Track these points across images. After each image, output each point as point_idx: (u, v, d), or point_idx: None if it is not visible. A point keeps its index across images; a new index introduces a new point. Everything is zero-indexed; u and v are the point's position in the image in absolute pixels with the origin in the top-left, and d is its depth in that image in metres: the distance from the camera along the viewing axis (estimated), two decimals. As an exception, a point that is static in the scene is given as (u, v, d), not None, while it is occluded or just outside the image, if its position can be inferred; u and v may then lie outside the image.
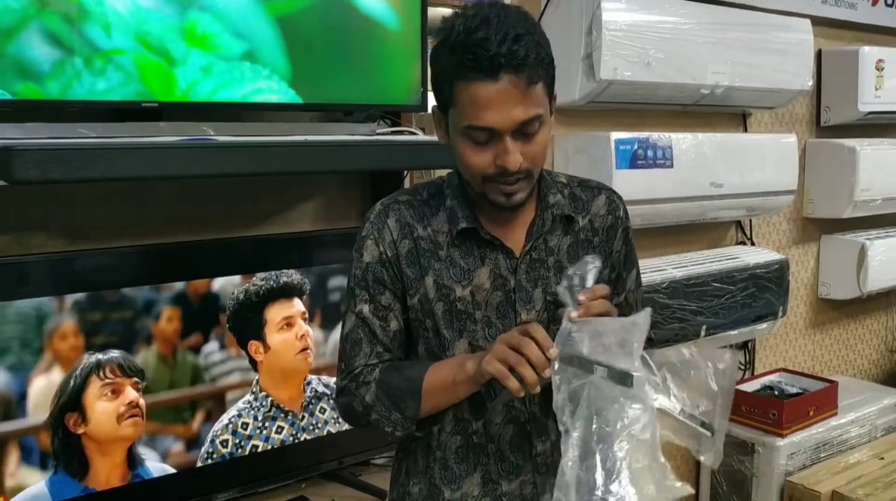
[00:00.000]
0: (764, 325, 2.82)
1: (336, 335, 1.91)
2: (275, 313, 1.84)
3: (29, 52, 1.39)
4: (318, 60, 1.71)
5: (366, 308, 1.25)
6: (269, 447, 1.84)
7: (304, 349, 1.90)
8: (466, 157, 1.14)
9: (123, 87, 1.49)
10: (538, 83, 1.11)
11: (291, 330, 1.87)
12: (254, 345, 1.82)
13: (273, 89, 1.65)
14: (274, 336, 1.84)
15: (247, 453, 1.82)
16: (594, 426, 1.05)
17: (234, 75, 1.59)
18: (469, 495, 1.25)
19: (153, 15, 1.49)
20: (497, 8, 1.10)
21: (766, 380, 3.01)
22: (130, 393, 1.63)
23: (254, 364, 1.83)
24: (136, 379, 1.64)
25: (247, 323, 1.81)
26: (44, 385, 1.54)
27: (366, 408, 1.23)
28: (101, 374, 1.60)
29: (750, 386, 2.93)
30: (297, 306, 1.87)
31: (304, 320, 1.88)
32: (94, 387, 1.59)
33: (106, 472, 1.63)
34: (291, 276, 1.86)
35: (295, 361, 1.88)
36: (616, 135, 2.31)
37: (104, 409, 1.60)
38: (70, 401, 1.57)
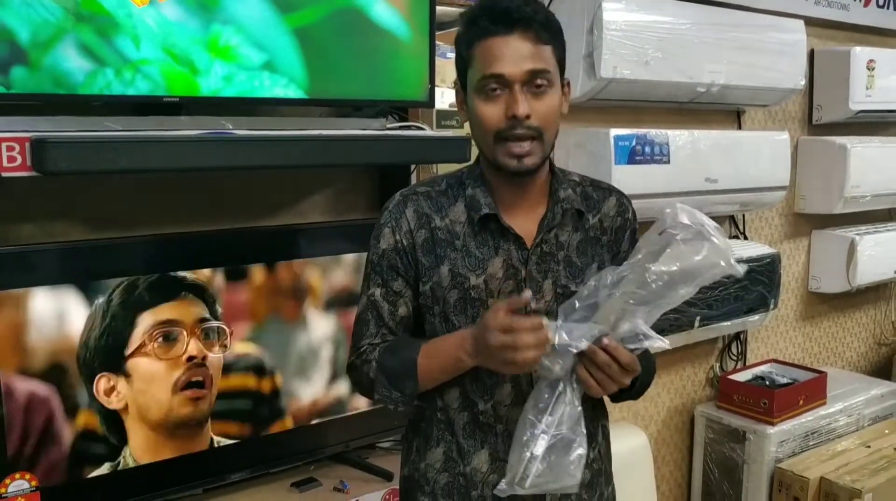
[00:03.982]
0: (756, 317, 2.89)
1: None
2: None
3: (64, 63, 1.45)
4: (333, 68, 1.77)
5: (378, 292, 1.33)
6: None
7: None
8: (479, 111, 1.23)
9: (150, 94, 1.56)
10: (547, 45, 1.23)
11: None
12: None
13: (290, 96, 1.72)
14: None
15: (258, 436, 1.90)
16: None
17: (254, 84, 1.66)
18: (478, 470, 1.32)
19: (179, 27, 1.56)
20: None
21: (757, 370, 3.09)
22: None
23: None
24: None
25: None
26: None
27: (370, 384, 1.31)
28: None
29: (742, 376, 3.01)
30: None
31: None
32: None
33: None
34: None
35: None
36: (615, 131, 2.37)
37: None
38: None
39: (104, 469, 1.69)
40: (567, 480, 1.19)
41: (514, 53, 1.20)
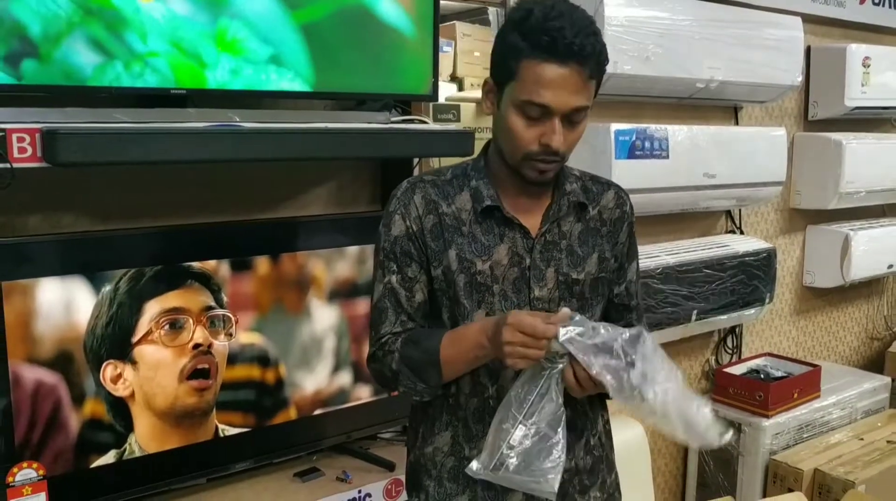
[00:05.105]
0: (751, 311, 2.93)
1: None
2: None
3: (73, 56, 1.46)
4: (338, 63, 1.79)
5: (394, 279, 1.34)
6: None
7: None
8: (515, 129, 1.24)
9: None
10: (594, 80, 1.23)
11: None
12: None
13: (296, 89, 1.74)
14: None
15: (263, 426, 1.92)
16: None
17: (260, 77, 1.68)
18: (485, 453, 1.35)
19: (187, 22, 1.57)
20: (570, 5, 1.22)
21: (752, 364, 3.12)
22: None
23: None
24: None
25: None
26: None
27: (394, 375, 1.33)
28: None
29: (737, 369, 3.04)
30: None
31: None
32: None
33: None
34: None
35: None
36: (616, 126, 2.39)
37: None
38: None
39: (110, 457, 1.71)
40: (544, 486, 1.19)
41: (564, 88, 1.20)
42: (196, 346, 1.76)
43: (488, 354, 1.25)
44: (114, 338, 1.67)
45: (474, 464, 1.21)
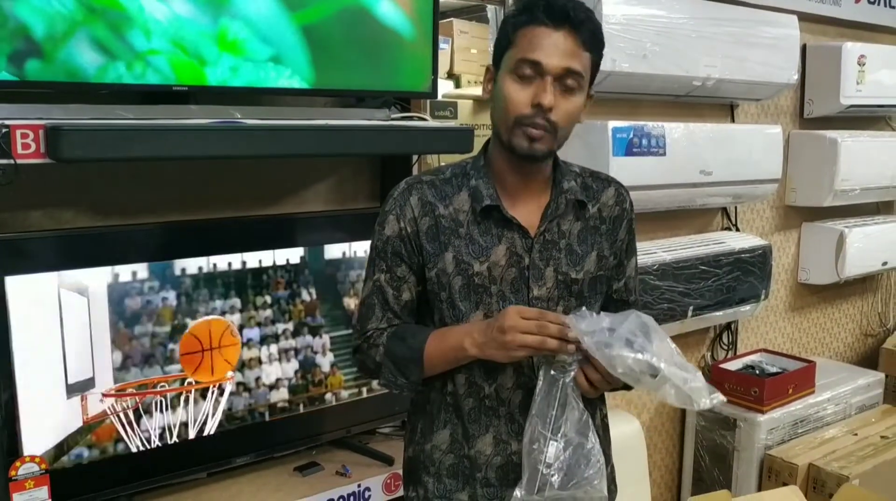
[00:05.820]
0: (747, 307, 2.95)
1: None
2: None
3: (77, 57, 1.47)
4: (338, 62, 1.80)
5: (382, 277, 1.37)
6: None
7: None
8: (508, 92, 1.27)
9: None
10: (587, 53, 1.27)
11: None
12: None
13: (294, 87, 1.75)
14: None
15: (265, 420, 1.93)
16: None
17: (260, 76, 1.69)
18: (482, 453, 1.36)
19: (189, 22, 1.58)
20: None
21: (747, 360, 3.14)
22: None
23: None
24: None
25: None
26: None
27: (377, 367, 1.36)
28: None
29: (733, 365, 3.06)
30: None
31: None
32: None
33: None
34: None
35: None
36: (613, 123, 2.40)
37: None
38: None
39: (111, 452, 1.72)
40: (593, 493, 1.21)
41: (557, 48, 1.24)
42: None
43: (469, 357, 1.28)
44: (116, 333, 1.68)
45: (518, 492, 1.23)
